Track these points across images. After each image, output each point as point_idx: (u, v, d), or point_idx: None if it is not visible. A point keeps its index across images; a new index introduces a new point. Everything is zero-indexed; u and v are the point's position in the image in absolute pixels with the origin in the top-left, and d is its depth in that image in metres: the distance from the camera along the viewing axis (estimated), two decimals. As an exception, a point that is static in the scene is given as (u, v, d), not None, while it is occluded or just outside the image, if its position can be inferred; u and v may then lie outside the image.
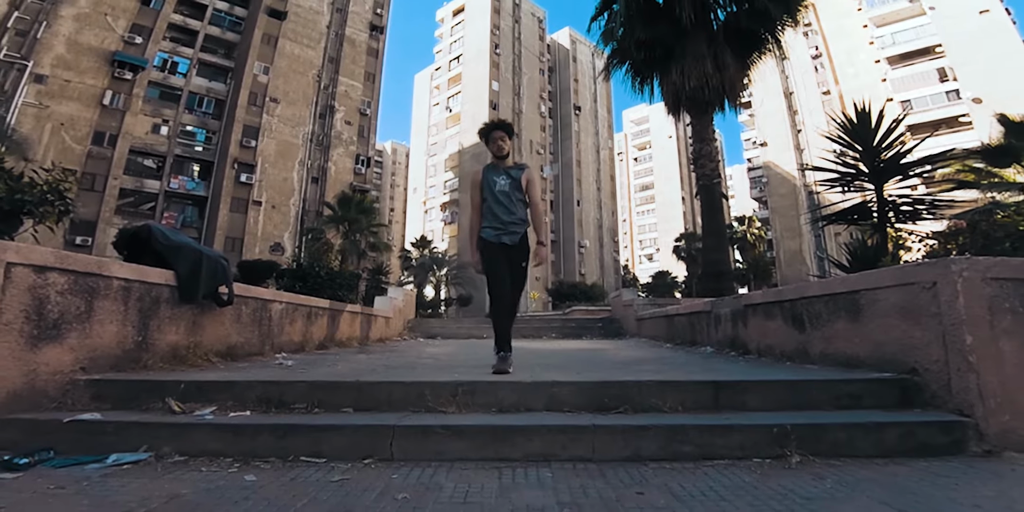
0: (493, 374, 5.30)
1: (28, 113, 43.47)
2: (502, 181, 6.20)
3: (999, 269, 4.06)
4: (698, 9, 16.44)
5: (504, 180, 6.22)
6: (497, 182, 6.22)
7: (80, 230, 44.24)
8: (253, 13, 59.25)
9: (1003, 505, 2.64)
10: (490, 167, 6.42)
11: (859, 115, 12.35)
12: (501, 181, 6.20)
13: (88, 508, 2.63)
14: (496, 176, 6.26)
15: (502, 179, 6.22)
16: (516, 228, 6.23)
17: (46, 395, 4.25)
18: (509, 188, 6.21)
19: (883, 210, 11.88)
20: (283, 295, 9.08)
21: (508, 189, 6.21)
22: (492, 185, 6.25)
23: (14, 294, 4.08)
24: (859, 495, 2.83)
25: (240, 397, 4.41)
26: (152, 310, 5.72)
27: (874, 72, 71.32)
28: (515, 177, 6.27)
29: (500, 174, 6.27)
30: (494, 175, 6.27)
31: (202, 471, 3.32)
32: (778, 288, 8.14)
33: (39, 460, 3.40)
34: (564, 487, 3.07)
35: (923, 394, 4.22)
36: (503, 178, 6.23)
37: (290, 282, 17.22)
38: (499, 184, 6.20)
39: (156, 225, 6.62)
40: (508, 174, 6.27)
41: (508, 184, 6.21)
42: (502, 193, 6.19)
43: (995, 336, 3.91)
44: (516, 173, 6.32)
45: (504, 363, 5.65)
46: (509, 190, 6.21)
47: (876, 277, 5.02)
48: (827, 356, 5.65)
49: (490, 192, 6.26)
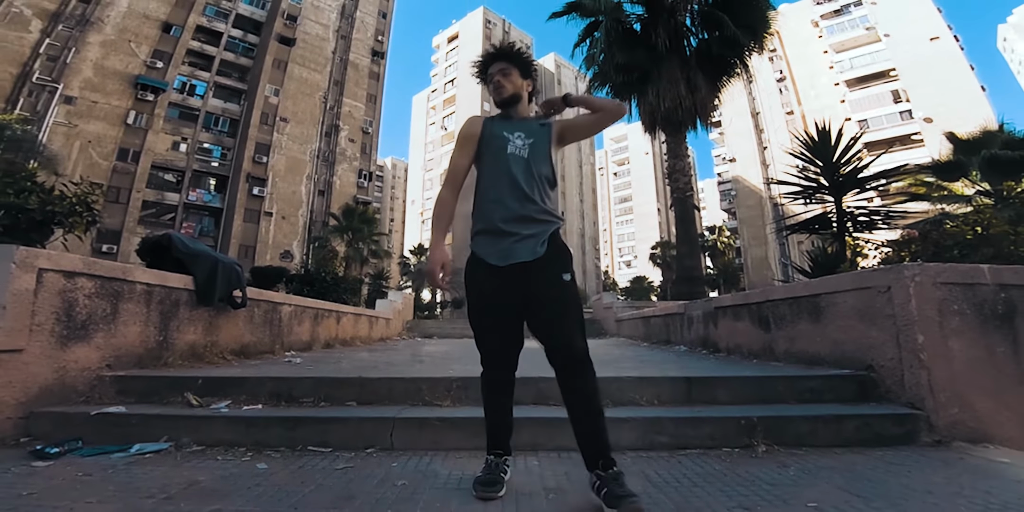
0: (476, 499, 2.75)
1: (58, 131, 43.58)
2: (518, 141, 3.22)
3: (948, 274, 4.09)
4: (673, 36, 16.53)
5: (523, 138, 3.23)
6: (510, 140, 3.23)
7: (106, 239, 44.27)
8: (265, 40, 59.37)
9: (952, 491, 2.65)
10: (499, 119, 3.41)
11: (820, 133, 12.43)
12: (516, 140, 3.22)
13: (114, 493, 2.62)
14: (508, 131, 3.25)
15: (519, 137, 3.23)
16: (535, 229, 3.09)
17: (75, 390, 4.25)
18: (529, 152, 3.21)
19: (842, 220, 11.95)
20: (292, 298, 9.06)
21: (526, 154, 3.21)
22: (501, 143, 3.25)
23: (45, 297, 4.08)
24: (820, 482, 2.83)
25: (253, 392, 4.41)
26: (172, 312, 5.70)
27: (834, 94, 71.94)
28: (542, 134, 3.24)
29: (515, 129, 3.27)
30: (505, 130, 3.26)
31: (218, 460, 3.31)
32: (746, 292, 8.14)
33: (69, 449, 3.39)
34: (550, 473, 3.08)
35: (878, 389, 4.25)
36: (520, 135, 3.23)
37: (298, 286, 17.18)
38: (512, 143, 3.22)
39: (176, 234, 6.60)
40: (530, 130, 3.26)
41: (527, 146, 3.20)
42: (515, 159, 3.19)
43: (945, 336, 3.93)
44: (540, 129, 3.27)
45: (491, 483, 2.81)
46: (528, 155, 3.20)
47: (836, 282, 5.04)
48: (791, 354, 5.66)
49: (493, 157, 3.25)
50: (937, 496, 2.58)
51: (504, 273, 3.03)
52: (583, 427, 2.80)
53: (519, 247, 3.04)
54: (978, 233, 7.99)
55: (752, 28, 16.32)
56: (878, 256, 10.07)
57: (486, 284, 3.09)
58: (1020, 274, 4.21)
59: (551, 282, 3.00)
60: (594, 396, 2.87)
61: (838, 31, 75.57)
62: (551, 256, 3.06)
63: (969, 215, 9.36)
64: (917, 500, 2.52)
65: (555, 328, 2.93)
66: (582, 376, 2.89)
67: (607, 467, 2.59)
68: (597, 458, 2.64)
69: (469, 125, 3.37)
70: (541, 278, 3.00)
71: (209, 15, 56.78)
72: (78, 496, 2.57)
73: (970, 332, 3.98)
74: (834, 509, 2.42)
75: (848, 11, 76.10)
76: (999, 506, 2.42)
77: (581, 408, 2.85)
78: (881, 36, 71.46)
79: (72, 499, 2.52)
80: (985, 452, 3.45)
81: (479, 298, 3.12)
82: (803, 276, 11.52)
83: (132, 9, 50.59)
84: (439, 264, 3.10)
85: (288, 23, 61.29)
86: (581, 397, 2.85)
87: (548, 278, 3.01)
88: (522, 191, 3.11)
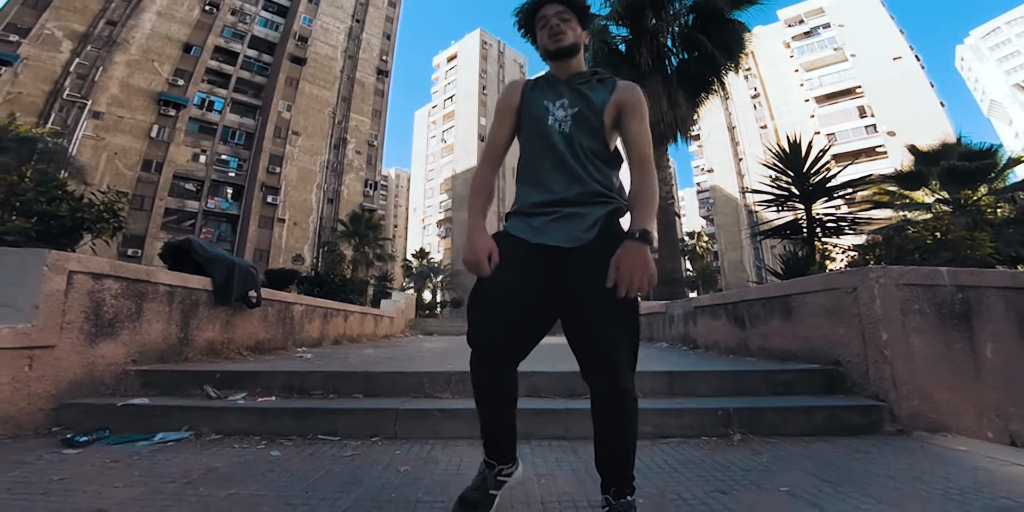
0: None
1: (87, 144, 43.83)
2: (559, 111, 2.46)
3: (910, 276, 4.10)
4: (655, 56, 16.51)
5: (565, 107, 2.46)
6: (550, 110, 2.49)
7: (131, 243, 44.43)
8: (278, 59, 59.48)
9: (912, 476, 2.66)
10: (542, 82, 2.64)
11: (791, 146, 12.47)
12: (558, 110, 2.47)
13: (139, 478, 2.62)
14: (549, 99, 2.51)
15: (561, 106, 2.47)
16: (583, 212, 2.32)
17: (102, 383, 4.24)
18: (573, 124, 2.43)
19: (811, 226, 12.00)
20: (303, 298, 9.02)
21: (568, 128, 2.43)
22: (540, 114, 2.50)
23: (75, 297, 4.08)
24: (791, 468, 2.84)
25: (267, 385, 4.40)
26: (192, 311, 5.69)
27: (804, 109, 72.28)
28: (593, 100, 2.45)
29: (558, 95, 2.51)
30: (545, 98, 2.51)
31: (234, 447, 3.31)
32: (723, 293, 8.14)
33: (96, 438, 3.39)
34: (542, 461, 3.07)
35: (845, 382, 4.25)
36: (563, 103, 2.47)
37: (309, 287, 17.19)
38: (553, 114, 2.47)
39: (196, 239, 6.60)
40: (577, 94, 2.48)
41: (572, 115, 2.44)
42: (559, 134, 2.43)
43: (907, 333, 3.94)
44: (596, 93, 2.47)
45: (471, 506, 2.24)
46: (572, 129, 2.42)
47: (806, 283, 5.05)
48: (764, 350, 5.67)
49: (532, 130, 2.51)
50: (899, 481, 2.59)
51: (534, 254, 2.21)
52: (605, 452, 2.15)
53: (555, 227, 2.25)
54: (937, 238, 8.02)
55: (728, 49, 16.34)
56: (845, 259, 10.09)
57: (507, 257, 2.17)
58: (976, 276, 4.23)
59: (581, 295, 2.10)
60: (630, 431, 2.14)
61: (808, 51, 75.96)
62: (594, 251, 2.13)
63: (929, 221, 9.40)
64: (880, 485, 2.53)
65: (596, 345, 2.11)
66: (617, 411, 2.15)
67: (620, 495, 2.04)
68: (611, 484, 2.08)
69: (507, 94, 2.55)
70: (588, 274, 2.08)
71: (226, 37, 57.01)
72: (105, 481, 2.57)
73: (930, 330, 4.00)
74: (804, 493, 2.43)
75: (817, 33, 76.64)
76: (957, 491, 2.43)
77: (610, 437, 2.16)
78: (848, 56, 71.95)
79: (100, 484, 2.52)
80: (944, 441, 3.46)
81: (498, 272, 2.14)
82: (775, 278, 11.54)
83: (155, 31, 51.01)
84: (485, 252, 2.11)
85: (299, 44, 61.44)
86: (614, 430, 2.14)
87: (581, 287, 2.11)
88: (567, 171, 2.32)
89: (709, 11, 16.43)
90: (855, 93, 70.63)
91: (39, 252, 3.87)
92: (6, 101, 40.25)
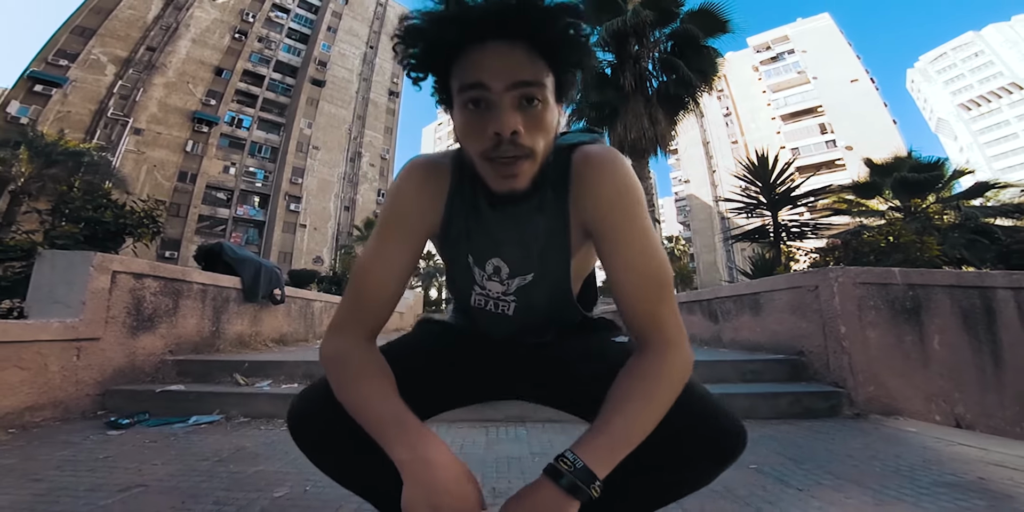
0: None
1: (129, 158, 43.91)
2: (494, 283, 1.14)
3: (866, 276, 4.11)
4: (637, 79, 16.53)
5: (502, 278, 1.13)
6: (476, 280, 1.16)
7: (169, 246, 44.54)
8: (300, 82, 59.49)
9: (868, 455, 2.66)
10: (467, 205, 1.10)
11: (759, 159, 12.48)
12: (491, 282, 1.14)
13: (175, 456, 2.62)
14: (476, 255, 1.13)
15: (494, 273, 1.13)
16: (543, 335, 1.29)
17: (143, 372, 4.24)
18: (518, 305, 1.16)
19: (778, 231, 12.00)
20: (323, 296, 9.00)
21: (514, 310, 1.17)
22: (464, 284, 1.19)
23: (118, 295, 4.09)
24: (759, 447, 2.83)
25: (290, 373, 4.38)
26: (223, 307, 5.69)
27: (771, 126, 72.55)
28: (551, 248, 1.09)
29: (493, 246, 1.10)
30: (470, 250, 1.13)
31: (261, 429, 3.31)
32: (698, 290, 8.14)
33: (137, 421, 3.39)
34: (535, 441, 3.06)
35: (808, 371, 4.24)
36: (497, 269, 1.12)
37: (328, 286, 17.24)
38: (483, 288, 1.16)
39: (226, 242, 6.62)
40: (523, 244, 1.09)
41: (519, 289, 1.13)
42: (497, 317, 1.20)
43: (863, 327, 3.95)
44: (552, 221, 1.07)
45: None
46: (519, 312, 1.17)
47: (772, 282, 5.05)
48: (735, 342, 5.66)
49: (456, 289, 1.22)
50: (856, 459, 2.59)
51: (497, 345, 1.33)
52: None
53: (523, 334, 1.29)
54: (890, 242, 8.02)
55: (703, 72, 16.33)
56: (808, 261, 10.09)
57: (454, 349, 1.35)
58: (925, 276, 4.24)
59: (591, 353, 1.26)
60: None
61: (774, 74, 76.29)
62: (580, 329, 1.34)
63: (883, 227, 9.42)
64: (839, 462, 2.53)
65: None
66: None
67: None
68: None
69: (413, 200, 1.14)
70: (568, 354, 1.29)
71: (254, 61, 56.94)
72: (145, 458, 2.57)
73: (883, 324, 4.00)
74: (771, 469, 2.43)
75: (783, 58, 77.11)
76: (907, 467, 2.43)
77: None
78: (810, 78, 72.35)
79: (140, 461, 2.52)
80: (896, 423, 3.47)
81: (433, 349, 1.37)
82: (745, 277, 11.53)
83: (190, 56, 51.07)
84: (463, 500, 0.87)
85: (319, 68, 61.43)
86: None
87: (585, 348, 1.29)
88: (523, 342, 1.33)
89: (686, 38, 16.44)
90: (817, 112, 70.91)
91: (86, 254, 3.89)
92: (56, 119, 40.29)
